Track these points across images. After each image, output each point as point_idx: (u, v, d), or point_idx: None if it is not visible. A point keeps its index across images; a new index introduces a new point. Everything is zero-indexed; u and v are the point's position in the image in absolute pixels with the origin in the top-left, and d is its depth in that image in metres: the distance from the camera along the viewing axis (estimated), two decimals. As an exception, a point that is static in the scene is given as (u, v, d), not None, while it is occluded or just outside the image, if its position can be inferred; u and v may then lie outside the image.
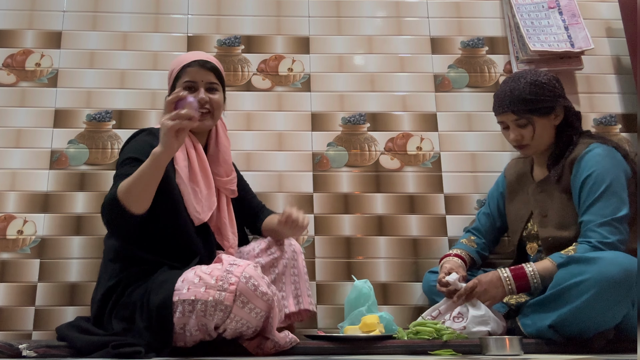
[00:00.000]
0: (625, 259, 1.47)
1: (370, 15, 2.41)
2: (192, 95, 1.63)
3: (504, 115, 1.77)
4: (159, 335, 1.36)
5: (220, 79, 1.76)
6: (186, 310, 1.35)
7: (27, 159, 2.15)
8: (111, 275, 1.53)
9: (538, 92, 1.71)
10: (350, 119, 2.28)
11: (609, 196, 1.61)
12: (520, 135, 1.76)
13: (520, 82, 1.74)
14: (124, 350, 1.31)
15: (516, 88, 1.73)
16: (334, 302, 2.08)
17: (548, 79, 1.75)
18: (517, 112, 1.73)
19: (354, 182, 2.22)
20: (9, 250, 2.05)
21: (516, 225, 1.89)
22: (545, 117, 1.74)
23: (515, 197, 1.91)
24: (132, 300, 1.44)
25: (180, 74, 1.70)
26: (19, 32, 2.29)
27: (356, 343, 1.52)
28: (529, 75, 1.75)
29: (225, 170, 1.77)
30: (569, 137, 1.76)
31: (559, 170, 1.73)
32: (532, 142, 1.76)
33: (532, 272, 1.61)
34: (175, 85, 1.71)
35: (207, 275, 1.37)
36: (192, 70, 1.69)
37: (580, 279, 1.47)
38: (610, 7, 2.44)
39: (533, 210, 1.82)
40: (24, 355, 1.37)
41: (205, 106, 1.69)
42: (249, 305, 1.35)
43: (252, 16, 2.38)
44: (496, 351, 1.40)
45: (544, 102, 1.72)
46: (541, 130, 1.74)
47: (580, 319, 1.46)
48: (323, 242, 2.15)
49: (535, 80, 1.73)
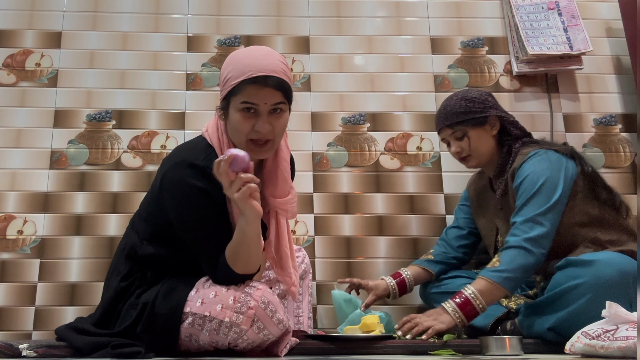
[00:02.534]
0: (621, 260, 1.47)
1: (370, 15, 2.41)
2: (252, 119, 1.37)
3: (442, 132, 1.86)
4: (162, 342, 1.35)
5: (287, 94, 1.40)
6: (196, 323, 1.33)
7: (27, 159, 2.15)
8: (126, 275, 1.45)
9: (468, 105, 1.80)
10: (350, 119, 2.28)
11: (538, 196, 1.63)
12: (459, 147, 1.82)
13: (452, 99, 1.84)
14: (123, 350, 1.31)
15: (448, 105, 1.83)
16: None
17: (479, 94, 1.83)
18: (451, 125, 1.81)
19: (354, 182, 2.22)
20: (9, 250, 2.05)
21: (488, 240, 1.92)
22: (479, 128, 1.80)
23: (480, 212, 1.94)
24: (140, 301, 1.40)
25: (237, 90, 1.35)
26: (19, 32, 2.29)
27: (356, 343, 1.52)
28: (461, 92, 1.86)
29: (284, 189, 1.48)
30: (509, 145, 1.81)
31: (503, 184, 1.78)
32: (472, 153, 1.82)
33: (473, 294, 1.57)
34: (230, 100, 1.38)
35: (224, 292, 1.33)
36: (251, 90, 1.34)
37: (577, 282, 1.47)
38: (610, 7, 2.44)
39: (498, 226, 1.86)
40: (24, 355, 1.37)
41: (267, 136, 1.38)
42: (264, 332, 1.33)
43: (252, 16, 2.38)
44: (496, 351, 1.40)
45: (474, 114, 1.79)
46: (477, 140, 1.80)
47: (578, 322, 1.45)
48: (323, 242, 2.15)
49: (465, 96, 1.82)
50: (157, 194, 1.43)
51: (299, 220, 2.15)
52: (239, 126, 1.37)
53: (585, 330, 1.27)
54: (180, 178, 1.36)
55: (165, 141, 2.21)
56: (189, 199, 1.35)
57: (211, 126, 1.47)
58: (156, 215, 1.45)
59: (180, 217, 1.38)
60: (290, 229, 2.00)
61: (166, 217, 1.41)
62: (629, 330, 1.19)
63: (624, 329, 1.21)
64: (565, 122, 2.32)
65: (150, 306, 1.37)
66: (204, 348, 1.37)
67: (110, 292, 1.47)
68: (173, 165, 1.38)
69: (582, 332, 1.27)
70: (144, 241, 1.46)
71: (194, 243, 1.39)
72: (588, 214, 1.67)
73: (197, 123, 2.22)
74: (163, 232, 1.44)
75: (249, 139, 1.38)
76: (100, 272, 2.04)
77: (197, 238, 1.38)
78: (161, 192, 1.41)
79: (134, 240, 1.48)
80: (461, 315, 1.56)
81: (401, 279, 1.90)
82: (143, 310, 1.38)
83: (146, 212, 1.50)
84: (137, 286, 1.44)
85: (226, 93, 1.38)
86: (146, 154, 2.19)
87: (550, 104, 2.33)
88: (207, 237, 1.36)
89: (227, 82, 1.38)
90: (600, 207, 1.69)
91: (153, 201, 1.47)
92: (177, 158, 1.40)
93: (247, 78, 1.34)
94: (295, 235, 2.14)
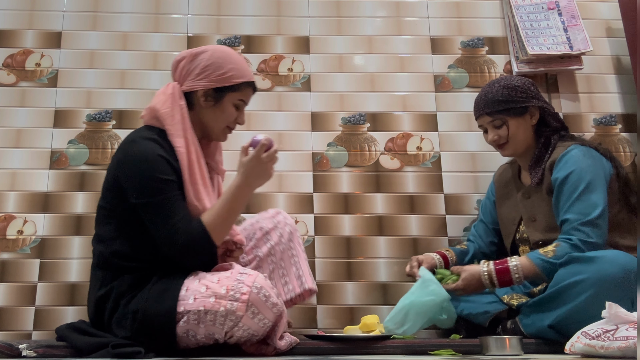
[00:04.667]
0: (624, 258, 1.47)
1: (370, 15, 2.41)
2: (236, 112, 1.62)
3: (481, 119, 1.85)
4: (159, 344, 1.36)
5: None
6: (192, 320, 1.34)
7: (27, 159, 2.15)
8: (102, 284, 1.47)
9: (510, 94, 1.78)
10: (350, 119, 2.28)
11: (589, 194, 1.62)
12: (497, 135, 1.82)
13: (494, 86, 1.82)
14: (123, 350, 1.31)
15: (490, 92, 1.81)
16: (334, 302, 2.08)
17: (522, 82, 1.81)
18: (491, 113, 1.80)
19: (354, 182, 2.22)
20: (9, 250, 2.06)
21: (508, 230, 1.91)
22: (519, 117, 1.79)
23: (505, 202, 1.93)
24: (130, 310, 1.40)
25: (238, 87, 1.59)
26: (19, 32, 2.29)
27: (356, 343, 1.52)
28: (503, 80, 1.83)
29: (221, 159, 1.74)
30: (547, 137, 1.80)
31: (540, 173, 1.77)
32: (509, 141, 1.81)
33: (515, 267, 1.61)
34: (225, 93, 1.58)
35: (215, 285, 1.35)
36: (248, 91, 1.63)
37: (579, 278, 1.47)
38: (610, 7, 2.44)
39: (522, 215, 1.84)
40: (24, 355, 1.37)
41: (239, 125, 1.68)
42: (259, 316, 1.35)
43: (252, 16, 2.38)
44: (496, 351, 1.40)
45: (516, 103, 1.78)
46: (516, 129, 1.79)
47: (579, 319, 1.45)
48: (323, 242, 2.15)
49: (508, 84, 1.80)
50: (112, 180, 1.51)
51: (299, 221, 2.15)
52: (229, 116, 1.61)
53: (585, 330, 1.27)
54: (141, 149, 1.47)
55: (165, 141, 2.21)
56: (152, 165, 1.44)
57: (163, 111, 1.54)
58: (113, 204, 1.50)
59: (142, 186, 1.44)
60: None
61: (125, 201, 1.46)
62: (629, 330, 1.19)
63: (624, 329, 1.21)
64: (566, 122, 2.29)
65: (142, 312, 1.36)
66: (203, 342, 1.37)
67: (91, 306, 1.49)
68: (131, 141, 1.51)
69: (582, 332, 1.28)
70: (107, 241, 1.49)
71: (154, 212, 1.43)
72: (616, 218, 1.67)
73: (197, 123, 2.22)
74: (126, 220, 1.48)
75: (227, 126, 1.63)
76: (100, 272, 2.04)
77: (159, 206, 1.42)
78: (120, 168, 1.48)
79: (100, 247, 1.51)
80: (495, 281, 1.63)
81: (443, 254, 1.90)
82: (134, 318, 1.38)
83: (105, 201, 1.53)
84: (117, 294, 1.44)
85: (225, 87, 1.57)
86: (146, 154, 2.19)
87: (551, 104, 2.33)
88: (169, 205, 1.42)
89: (227, 77, 1.57)
90: (629, 212, 1.69)
91: (108, 192, 1.53)
92: (131, 138, 1.52)
93: (247, 81, 1.61)
94: (295, 235, 2.14)
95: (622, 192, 1.69)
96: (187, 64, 1.58)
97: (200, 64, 1.56)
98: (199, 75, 1.56)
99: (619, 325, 1.22)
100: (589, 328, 1.27)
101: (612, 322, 1.24)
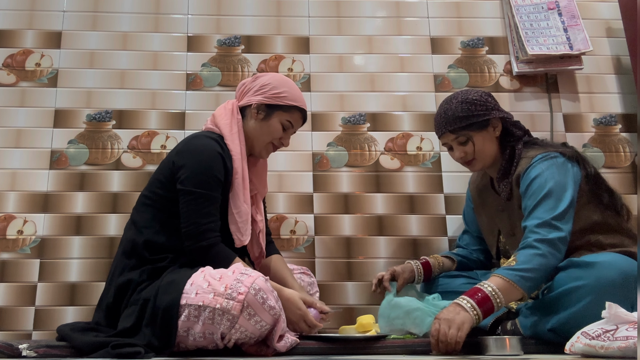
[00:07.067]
0: (623, 262, 1.46)
1: (370, 15, 2.41)
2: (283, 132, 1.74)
3: (444, 137, 1.81)
4: (161, 337, 1.36)
5: None
6: (192, 315, 1.35)
7: (27, 159, 2.15)
8: (123, 270, 1.53)
9: (470, 109, 1.76)
10: (350, 119, 2.28)
11: (547, 200, 1.61)
12: (463, 152, 1.79)
13: (452, 103, 1.79)
14: (123, 350, 1.31)
15: (449, 109, 1.78)
16: (333, 302, 2.08)
17: (479, 95, 1.79)
18: (454, 130, 1.77)
19: (354, 182, 2.22)
20: (9, 250, 2.06)
21: (489, 241, 1.92)
22: (482, 131, 1.77)
23: (482, 211, 1.93)
24: (141, 297, 1.44)
25: (288, 109, 1.72)
26: (19, 32, 2.29)
27: (355, 343, 1.52)
28: (460, 95, 1.80)
29: (265, 179, 1.86)
30: (512, 147, 1.79)
31: (508, 187, 1.76)
32: (477, 157, 1.79)
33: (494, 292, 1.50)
34: (275, 111, 1.71)
35: (216, 282, 1.37)
36: (297, 117, 1.75)
37: (578, 283, 1.46)
38: (610, 7, 2.44)
39: (500, 228, 1.85)
40: (24, 355, 1.37)
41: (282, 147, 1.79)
42: (255, 318, 1.35)
43: (252, 16, 2.38)
44: (496, 351, 1.40)
45: (477, 117, 1.76)
46: (481, 144, 1.78)
47: (579, 324, 1.45)
48: (323, 242, 2.15)
49: (465, 99, 1.77)
50: (165, 167, 1.62)
51: (299, 221, 2.15)
52: (275, 133, 1.72)
53: (585, 331, 1.27)
54: (204, 143, 1.62)
55: (165, 141, 2.21)
56: (210, 160, 1.58)
57: (222, 121, 1.70)
58: (156, 192, 1.60)
59: (194, 174, 1.56)
60: (290, 229, 2.15)
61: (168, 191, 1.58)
62: (629, 331, 1.19)
63: (624, 329, 1.21)
64: (565, 122, 2.32)
65: (152, 301, 1.39)
66: (201, 344, 1.37)
67: (111, 290, 1.52)
68: (194, 137, 1.66)
69: (582, 332, 1.27)
70: (141, 228, 1.57)
71: (193, 203, 1.54)
72: (591, 219, 1.66)
73: (197, 123, 2.23)
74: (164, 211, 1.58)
75: (272, 143, 1.74)
76: (100, 272, 2.04)
77: (199, 199, 1.54)
78: (179, 155, 1.61)
79: (132, 233, 1.58)
80: (479, 313, 1.47)
81: (425, 262, 1.90)
82: (144, 305, 1.41)
83: (150, 190, 1.63)
84: (137, 282, 1.49)
85: (276, 104, 1.71)
86: (146, 154, 2.19)
87: (550, 104, 2.33)
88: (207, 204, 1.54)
89: (280, 97, 1.71)
90: (603, 212, 1.68)
91: (156, 180, 1.63)
92: (193, 135, 1.68)
93: (300, 107, 1.74)
94: (295, 235, 2.15)
95: (592, 192, 1.68)
96: (249, 83, 1.75)
97: (260, 83, 1.73)
98: (257, 91, 1.72)
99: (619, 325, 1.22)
100: (589, 328, 1.27)
101: (612, 322, 1.24)
